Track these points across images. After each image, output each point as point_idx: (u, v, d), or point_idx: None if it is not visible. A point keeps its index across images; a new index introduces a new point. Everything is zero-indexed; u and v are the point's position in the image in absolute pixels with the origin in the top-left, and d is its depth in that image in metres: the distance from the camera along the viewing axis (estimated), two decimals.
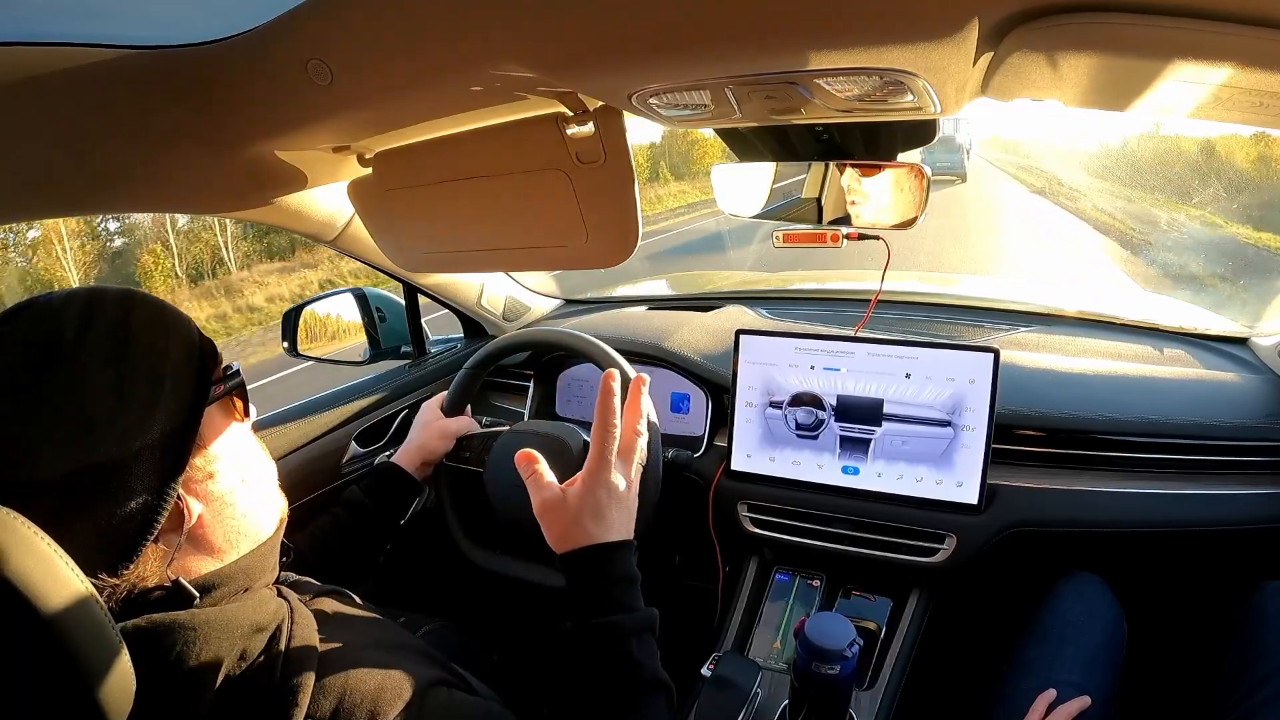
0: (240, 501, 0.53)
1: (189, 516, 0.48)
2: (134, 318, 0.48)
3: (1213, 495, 0.90)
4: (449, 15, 0.45)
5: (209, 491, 0.50)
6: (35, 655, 0.37)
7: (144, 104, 0.57)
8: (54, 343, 0.44)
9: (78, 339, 0.45)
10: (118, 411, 0.44)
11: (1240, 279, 6.94)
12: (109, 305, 0.48)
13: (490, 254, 0.85)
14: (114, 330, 0.47)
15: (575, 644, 0.61)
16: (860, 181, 0.82)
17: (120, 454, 0.44)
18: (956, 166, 14.32)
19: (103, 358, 0.45)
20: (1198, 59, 0.38)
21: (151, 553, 0.46)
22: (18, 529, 0.37)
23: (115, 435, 0.44)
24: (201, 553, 0.50)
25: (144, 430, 0.45)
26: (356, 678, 0.49)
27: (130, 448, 0.44)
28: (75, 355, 0.44)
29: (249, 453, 0.56)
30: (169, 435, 0.47)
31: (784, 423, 1.01)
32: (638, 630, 0.61)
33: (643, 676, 0.60)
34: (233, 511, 0.52)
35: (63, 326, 0.45)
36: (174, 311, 0.52)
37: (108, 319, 0.47)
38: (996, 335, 1.16)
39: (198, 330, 0.53)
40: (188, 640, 0.45)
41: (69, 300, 0.47)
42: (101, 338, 0.46)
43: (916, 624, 0.97)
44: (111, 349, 0.46)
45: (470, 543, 1.01)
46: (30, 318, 0.46)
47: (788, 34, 0.42)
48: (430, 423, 1.01)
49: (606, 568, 0.63)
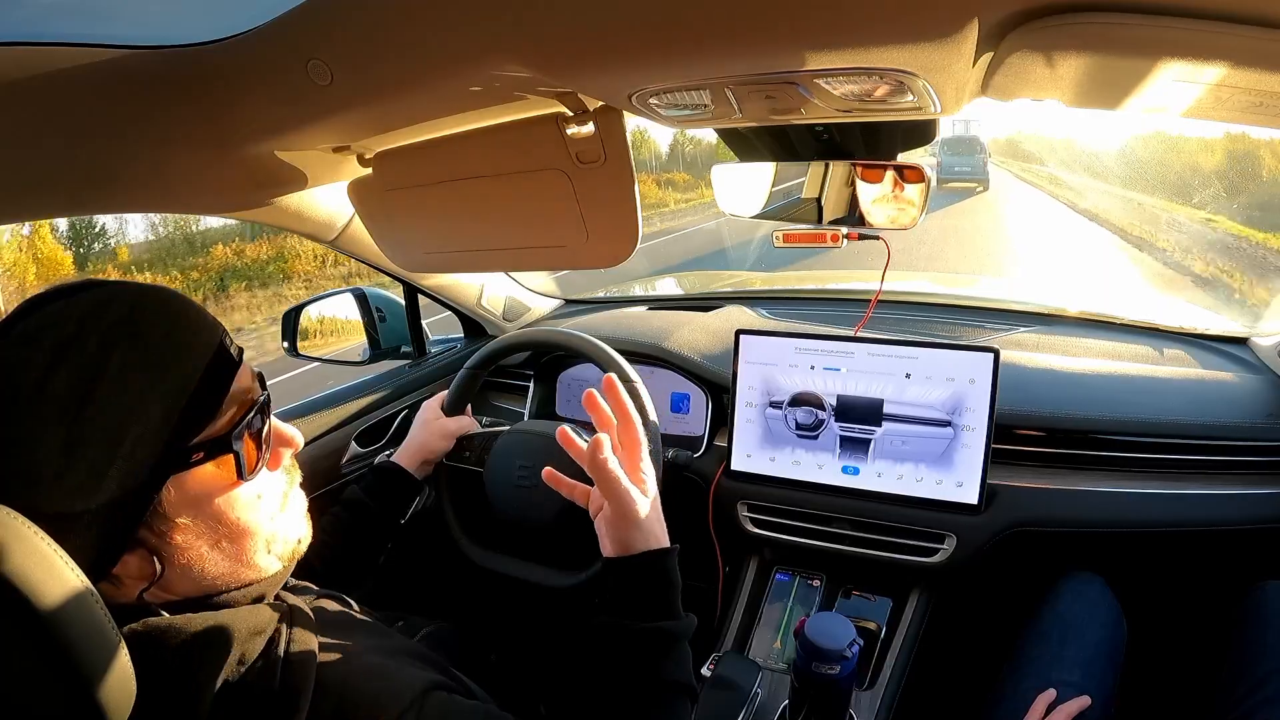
0: (211, 567, 0.48)
1: (154, 570, 0.46)
2: (113, 361, 0.43)
3: (1213, 495, 0.90)
4: (449, 15, 0.45)
5: (171, 557, 0.46)
6: (34, 654, 0.37)
7: (144, 104, 0.57)
8: (16, 380, 0.41)
9: (39, 383, 0.41)
10: (65, 471, 0.41)
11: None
12: (91, 340, 0.43)
13: (490, 254, 0.85)
14: (82, 376, 0.42)
15: (619, 646, 0.61)
16: (860, 181, 0.82)
17: (64, 512, 0.41)
18: (977, 172, 12.85)
19: (60, 410, 0.41)
20: (1198, 58, 0.38)
21: (108, 588, 0.44)
22: (17, 528, 0.37)
23: (60, 494, 0.41)
24: (172, 594, 0.48)
25: (90, 495, 0.42)
26: (355, 682, 0.49)
27: (73, 509, 0.42)
28: (31, 403, 0.41)
29: (236, 513, 0.49)
30: (116, 504, 0.43)
31: (784, 423, 1.01)
32: (685, 636, 0.63)
33: (680, 680, 0.61)
34: (200, 575, 0.48)
35: (30, 364, 0.42)
36: (180, 345, 0.46)
37: (81, 361, 0.42)
38: (996, 335, 1.16)
39: (208, 367, 0.46)
40: (186, 645, 0.45)
41: (55, 323, 0.43)
42: (64, 386, 0.42)
43: (916, 624, 0.97)
44: (72, 400, 0.42)
45: (470, 542, 1.01)
46: (17, 337, 0.43)
47: (788, 34, 0.42)
48: (430, 422, 1.01)
49: (666, 574, 0.63)
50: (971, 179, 13.04)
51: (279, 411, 1.10)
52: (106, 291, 0.45)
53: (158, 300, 0.47)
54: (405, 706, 0.49)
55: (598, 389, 0.66)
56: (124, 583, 0.46)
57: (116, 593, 0.46)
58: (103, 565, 0.44)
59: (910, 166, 0.78)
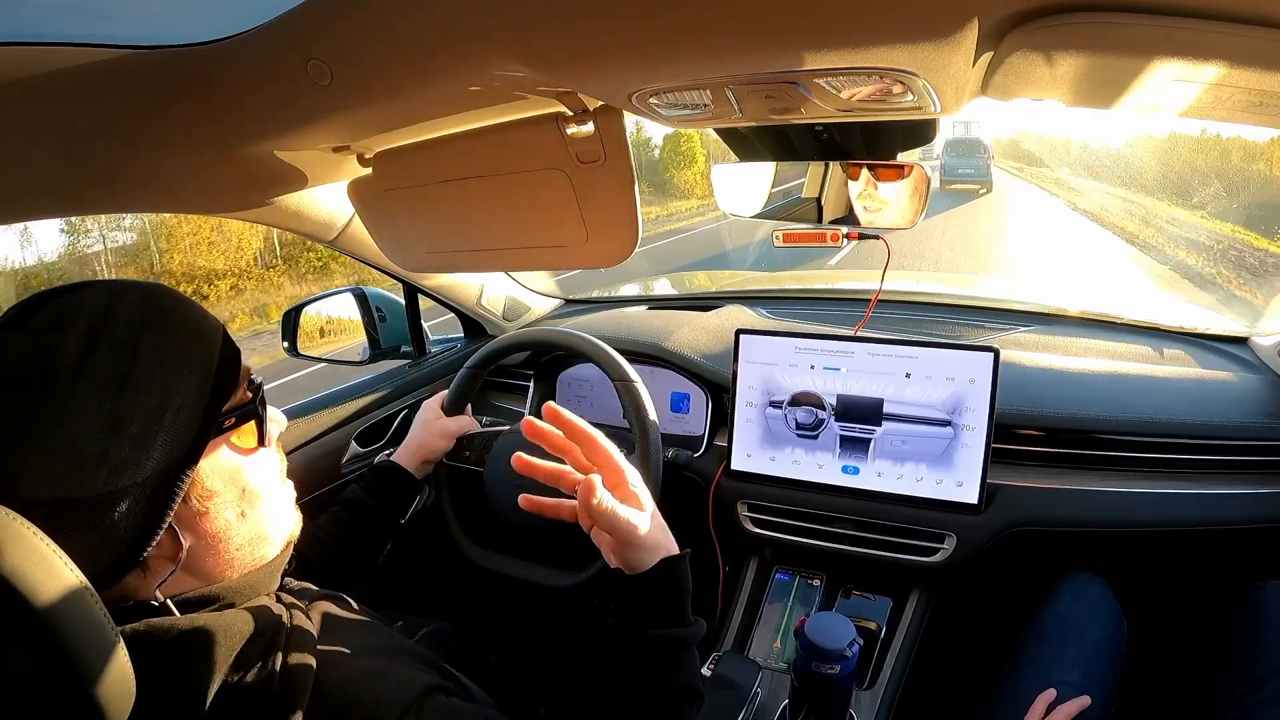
0: (236, 536, 0.51)
1: (181, 548, 0.47)
2: (145, 341, 0.45)
3: (1213, 495, 0.90)
4: (449, 15, 0.45)
5: (201, 528, 0.49)
6: (33, 653, 0.37)
7: (144, 104, 0.57)
8: (52, 365, 0.42)
9: (78, 364, 0.42)
10: (109, 448, 0.42)
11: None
12: (121, 322, 0.45)
13: (490, 254, 0.85)
14: (120, 355, 0.44)
15: (629, 651, 0.60)
16: (860, 181, 0.82)
17: (106, 490, 0.42)
18: (980, 174, 12.69)
19: (100, 388, 0.43)
20: (1198, 58, 0.38)
21: (134, 579, 0.46)
22: (15, 527, 0.37)
23: (104, 472, 0.42)
24: (194, 577, 0.49)
25: (135, 469, 0.43)
26: (354, 683, 0.49)
27: (118, 485, 0.43)
28: (72, 384, 0.42)
29: (257, 482, 0.53)
30: (161, 474, 0.45)
31: (784, 422, 1.01)
32: (694, 641, 0.63)
33: (688, 686, 0.61)
34: (226, 546, 0.50)
35: (64, 346, 0.43)
36: (197, 326, 0.49)
37: (115, 341, 0.44)
38: (996, 335, 1.16)
39: (222, 346, 0.50)
40: (185, 645, 0.45)
41: (80, 309, 0.45)
42: (103, 364, 0.43)
43: (916, 624, 0.97)
44: (111, 378, 0.43)
45: (470, 542, 1.01)
46: (37, 327, 0.44)
47: (787, 34, 0.42)
48: (430, 422, 1.01)
49: (678, 582, 0.62)
50: (974, 181, 12.85)
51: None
52: (117, 284, 0.48)
53: (165, 291, 0.50)
54: (404, 709, 0.49)
55: (598, 389, 0.66)
56: (152, 569, 0.47)
57: (140, 584, 0.47)
58: (144, 542, 0.45)
59: (910, 166, 0.78)
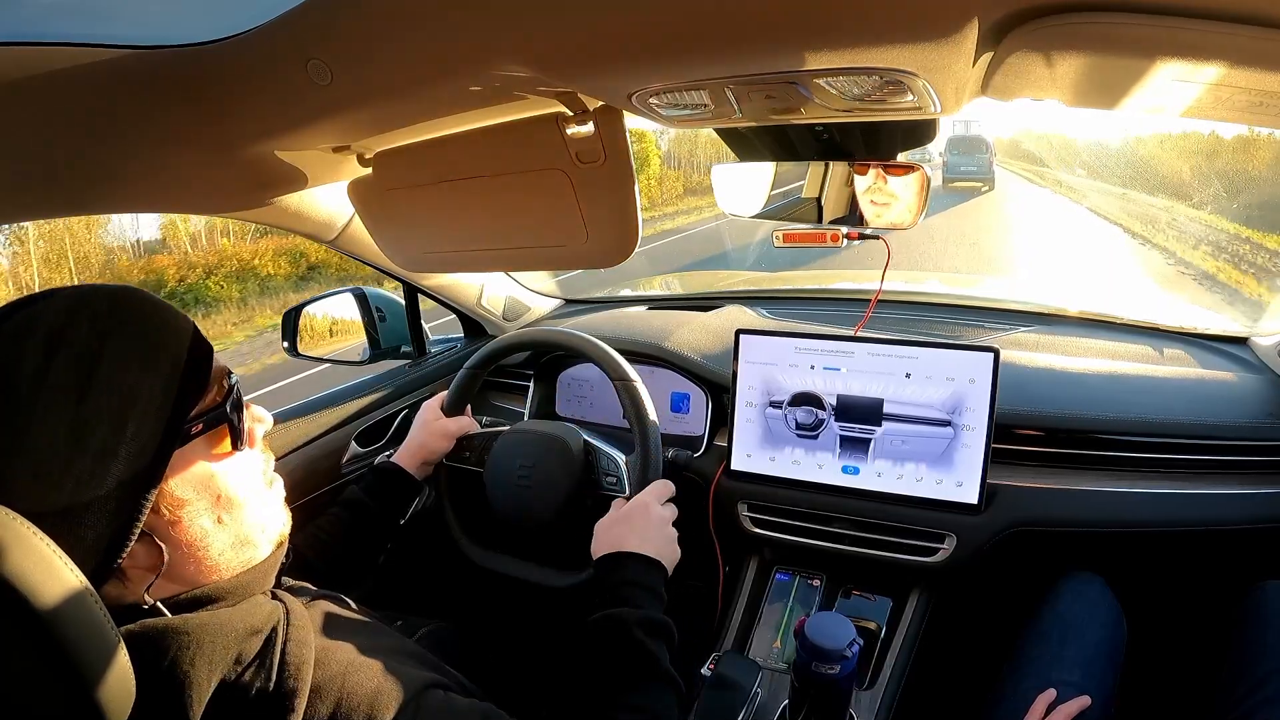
0: (216, 542, 0.50)
1: (161, 556, 0.46)
2: (109, 346, 0.44)
3: (1213, 495, 0.90)
4: (449, 15, 0.45)
5: (175, 536, 0.48)
6: (34, 654, 0.37)
7: (144, 104, 0.57)
8: (11, 376, 0.41)
9: (37, 374, 0.42)
10: (71, 460, 0.42)
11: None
12: (82, 330, 0.44)
13: (490, 254, 0.85)
14: (81, 363, 0.43)
15: (587, 636, 0.65)
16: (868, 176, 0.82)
17: (71, 503, 0.41)
18: (983, 171, 12.59)
19: (62, 398, 0.42)
20: (1198, 58, 0.38)
21: (114, 588, 0.45)
22: (16, 528, 0.37)
23: (68, 485, 0.41)
24: (177, 583, 0.49)
25: (99, 481, 0.42)
26: (353, 681, 0.49)
27: (82, 498, 0.42)
28: (33, 395, 0.41)
29: (234, 487, 0.51)
30: (125, 486, 0.43)
31: (784, 422, 1.01)
32: (642, 624, 0.65)
33: (649, 665, 0.63)
34: (205, 553, 0.49)
35: (24, 357, 0.42)
36: (165, 327, 0.48)
37: (77, 349, 0.43)
38: (996, 335, 1.16)
39: (190, 348, 0.49)
40: (182, 645, 0.45)
41: (40, 319, 0.44)
42: (64, 373, 0.42)
43: (916, 624, 0.97)
44: (73, 387, 0.42)
45: (470, 542, 1.01)
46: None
47: (788, 34, 0.42)
48: (430, 422, 1.01)
49: (624, 571, 0.70)
50: (977, 179, 12.84)
51: (279, 411, 1.10)
52: (81, 291, 0.47)
53: (132, 294, 0.49)
54: (402, 705, 0.49)
55: (598, 389, 0.67)
56: (131, 577, 0.46)
57: (123, 591, 0.46)
58: (114, 553, 0.44)
59: (910, 166, 0.78)
